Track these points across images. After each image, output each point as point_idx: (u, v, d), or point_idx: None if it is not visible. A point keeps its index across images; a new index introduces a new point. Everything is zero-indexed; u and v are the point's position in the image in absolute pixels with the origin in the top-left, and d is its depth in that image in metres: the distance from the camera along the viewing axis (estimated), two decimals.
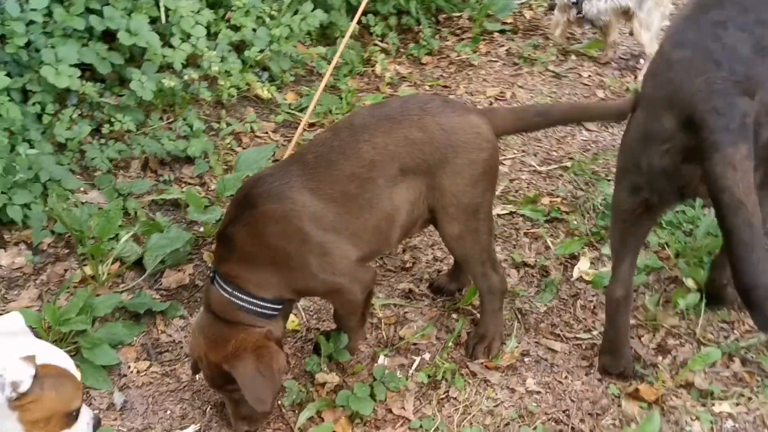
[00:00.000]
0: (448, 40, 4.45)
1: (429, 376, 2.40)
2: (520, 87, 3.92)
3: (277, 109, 3.74)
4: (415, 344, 2.54)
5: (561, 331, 2.57)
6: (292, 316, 2.57)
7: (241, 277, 2.05)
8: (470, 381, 2.39)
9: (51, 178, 3.00)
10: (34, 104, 3.19)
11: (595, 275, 2.73)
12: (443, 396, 2.36)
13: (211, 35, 3.77)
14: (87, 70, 3.40)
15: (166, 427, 2.28)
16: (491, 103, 3.81)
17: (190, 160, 3.35)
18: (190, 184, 3.25)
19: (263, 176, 2.13)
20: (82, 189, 3.14)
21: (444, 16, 4.67)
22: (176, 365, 2.47)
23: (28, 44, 3.24)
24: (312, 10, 3.95)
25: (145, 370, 2.45)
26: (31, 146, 3.03)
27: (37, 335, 1.93)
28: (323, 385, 2.37)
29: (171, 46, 3.48)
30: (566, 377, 2.41)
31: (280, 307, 2.12)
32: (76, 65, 3.25)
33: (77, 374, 1.81)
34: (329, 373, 2.39)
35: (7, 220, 2.85)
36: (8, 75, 3.15)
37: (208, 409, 2.33)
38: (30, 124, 3.17)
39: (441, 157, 2.12)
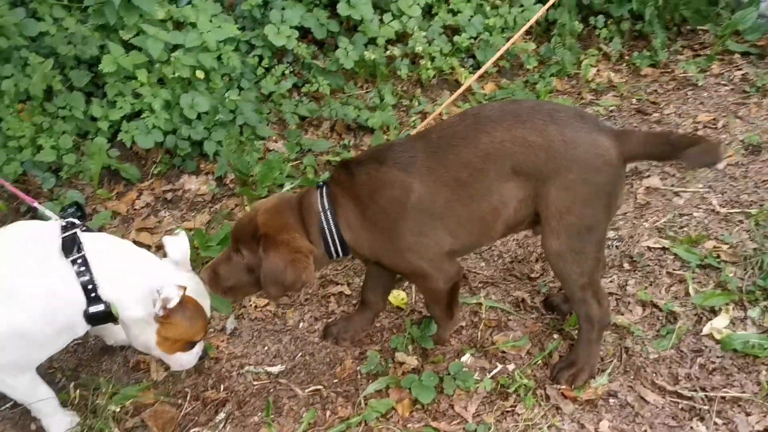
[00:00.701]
0: (681, 54, 4.13)
1: (502, 386, 2.38)
2: (738, 118, 3.54)
3: (471, 97, 3.81)
4: (504, 352, 2.52)
5: (663, 382, 2.37)
6: (401, 293, 2.70)
7: (341, 208, 2.12)
8: (541, 403, 2.34)
9: (246, 123, 3.41)
10: (253, 57, 3.62)
11: (727, 336, 2.46)
12: (508, 409, 2.33)
13: (427, 17, 3.94)
14: (310, 33, 3.76)
15: (258, 360, 2.55)
16: (696, 130, 3.50)
17: (373, 130, 3.57)
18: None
19: (395, 144, 2.22)
20: (273, 138, 3.51)
21: (688, 27, 4.31)
22: (288, 310, 2.73)
23: (265, 4, 3.68)
24: (534, 4, 3.93)
25: (262, 307, 2.74)
26: (240, 93, 3.45)
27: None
28: (401, 364, 2.47)
29: (382, 22, 3.71)
30: None
31: (343, 255, 2.20)
32: (297, 27, 3.62)
33: (208, 313, 2.15)
34: (410, 355, 2.48)
35: (203, 152, 3.32)
36: (242, 29, 3.62)
37: (298, 356, 2.56)
38: (247, 73, 3.61)
39: (554, 168, 2.07)
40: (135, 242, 2.31)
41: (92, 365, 2.52)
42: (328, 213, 2.12)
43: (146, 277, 2.04)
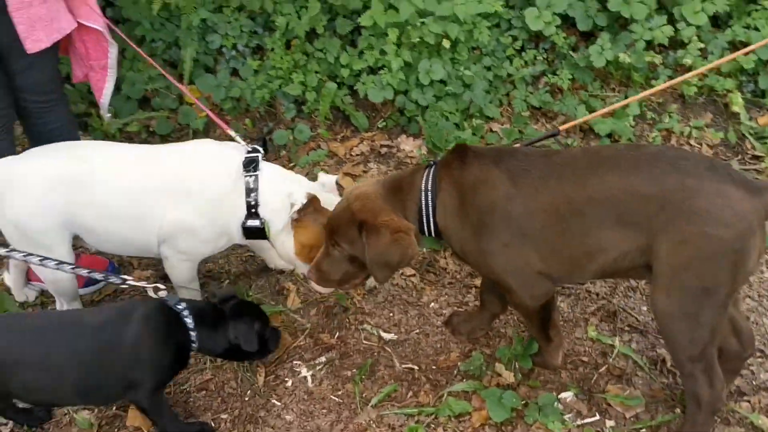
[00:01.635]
0: None
1: None
2: None
3: (735, 126, 3.35)
4: (609, 405, 2.32)
5: None
6: None
7: (442, 192, 2.08)
8: None
9: (473, 100, 3.45)
10: (508, 37, 3.61)
11: None
12: None
13: (713, 28, 3.53)
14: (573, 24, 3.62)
15: (378, 323, 2.68)
16: None
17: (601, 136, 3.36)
18: None
19: (519, 151, 2.13)
20: (500, 120, 3.51)
21: None
22: (428, 286, 2.81)
23: None
24: None
25: (409, 277, 2.85)
26: (480, 69, 3.49)
27: None
28: (498, 375, 2.42)
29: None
30: None
31: (435, 237, 2.15)
32: (560, 15, 3.51)
33: None
34: (510, 371, 2.41)
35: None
36: (511, 7, 3.63)
37: (414, 331, 2.64)
38: (498, 51, 3.62)
39: (669, 218, 1.84)
40: (337, 184, 2.57)
41: (251, 278, 2.88)
42: (429, 194, 2.09)
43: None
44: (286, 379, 2.49)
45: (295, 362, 2.56)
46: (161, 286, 2.22)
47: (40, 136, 2.75)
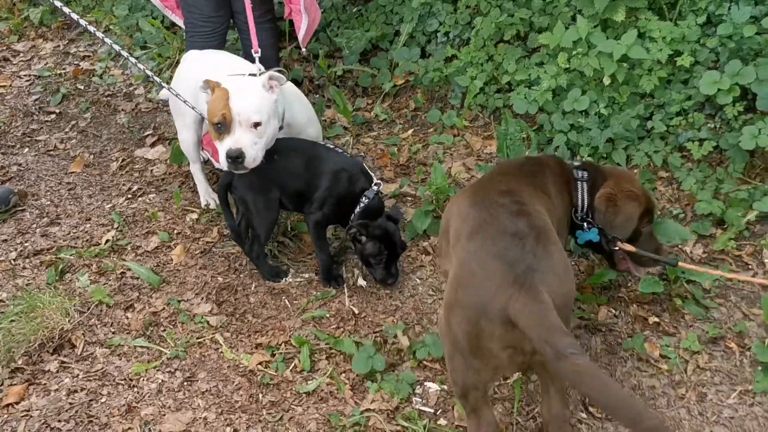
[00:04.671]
0: None
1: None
2: None
3: None
4: (452, 408, 2.43)
5: None
6: None
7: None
8: None
9: (592, 138, 3.43)
10: (681, 93, 3.45)
11: None
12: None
13: None
14: None
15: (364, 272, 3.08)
16: None
17: None
18: None
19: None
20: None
21: None
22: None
23: None
24: None
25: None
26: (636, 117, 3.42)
27: None
28: (394, 338, 2.68)
29: None
30: None
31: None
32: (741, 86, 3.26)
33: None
34: (406, 335, 2.66)
35: None
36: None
37: (384, 292, 2.99)
38: (669, 105, 3.49)
39: None
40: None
41: None
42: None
43: None
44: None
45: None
46: None
47: (243, 49, 3.74)
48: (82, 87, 4.65)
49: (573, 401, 2.41)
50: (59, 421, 2.47)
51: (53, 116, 4.42)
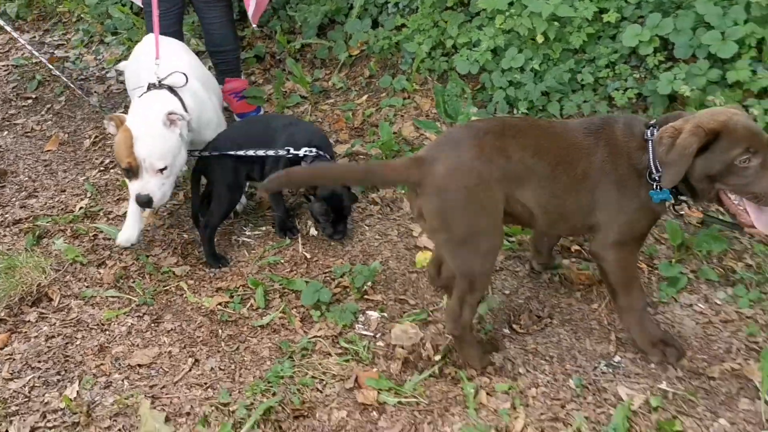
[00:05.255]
0: None
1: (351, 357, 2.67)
2: None
3: None
4: (390, 330, 2.69)
5: None
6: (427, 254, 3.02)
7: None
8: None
9: (529, 92, 3.70)
10: (607, 48, 3.71)
11: None
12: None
13: None
14: None
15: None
16: None
17: None
18: None
19: None
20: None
21: None
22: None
23: None
24: None
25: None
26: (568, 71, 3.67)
27: None
28: (341, 279, 2.95)
29: None
30: None
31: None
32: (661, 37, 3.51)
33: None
34: (354, 284, 2.92)
35: None
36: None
37: (341, 243, 3.25)
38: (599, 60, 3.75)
39: None
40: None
41: None
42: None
43: None
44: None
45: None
46: None
47: (203, 27, 3.99)
48: (56, 73, 4.90)
49: (498, 320, 2.69)
50: (39, 362, 2.73)
51: (30, 101, 4.68)
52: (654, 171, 2.19)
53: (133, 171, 2.84)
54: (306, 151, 3.04)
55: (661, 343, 2.43)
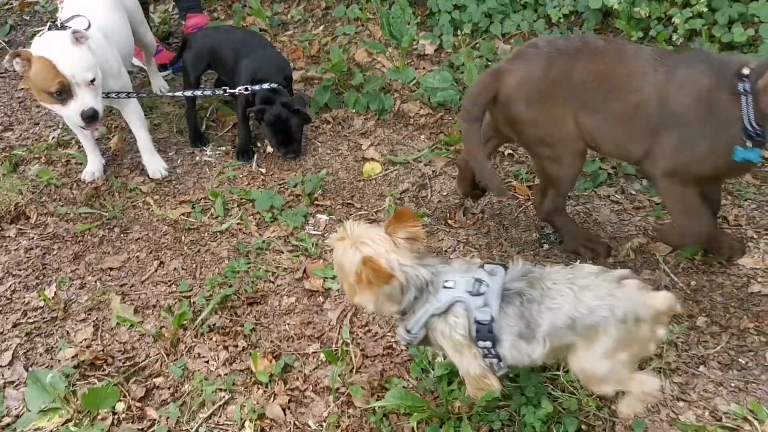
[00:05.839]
0: None
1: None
2: None
3: None
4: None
5: None
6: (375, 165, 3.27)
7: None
8: None
9: (471, 14, 3.91)
10: None
11: None
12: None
13: None
14: None
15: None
16: None
17: None
18: None
19: None
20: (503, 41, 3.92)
21: None
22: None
23: None
24: None
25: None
26: None
27: None
28: (296, 189, 3.21)
29: None
30: None
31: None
32: None
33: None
34: (305, 195, 3.19)
35: None
36: None
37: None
38: None
39: None
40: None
41: None
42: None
43: None
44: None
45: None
46: None
47: None
48: (27, 18, 5.07)
49: (436, 218, 2.96)
50: (19, 270, 3.00)
51: (3, 45, 4.85)
52: (750, 126, 2.04)
53: (66, 90, 2.88)
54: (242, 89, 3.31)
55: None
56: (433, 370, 2.28)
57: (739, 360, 2.28)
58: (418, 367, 2.33)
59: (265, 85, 3.29)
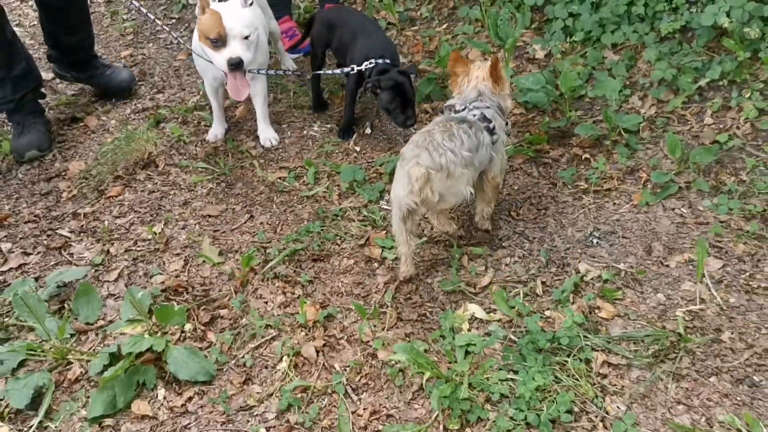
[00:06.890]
0: None
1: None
2: None
3: None
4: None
5: None
6: None
7: None
8: None
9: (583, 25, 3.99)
10: None
11: None
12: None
13: None
14: None
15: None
16: None
17: None
18: None
19: None
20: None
21: None
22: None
23: None
24: None
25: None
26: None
27: None
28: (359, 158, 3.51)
29: None
30: None
31: None
32: None
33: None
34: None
35: None
36: None
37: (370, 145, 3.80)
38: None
39: None
40: None
41: None
42: None
43: None
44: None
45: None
46: None
47: None
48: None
49: (501, 209, 3.14)
50: (140, 208, 3.53)
51: (173, 21, 5.55)
52: None
53: (222, 40, 3.35)
54: (367, 65, 3.58)
55: None
56: (454, 339, 2.48)
57: (754, 377, 2.27)
58: (438, 334, 2.53)
59: (380, 61, 3.56)
